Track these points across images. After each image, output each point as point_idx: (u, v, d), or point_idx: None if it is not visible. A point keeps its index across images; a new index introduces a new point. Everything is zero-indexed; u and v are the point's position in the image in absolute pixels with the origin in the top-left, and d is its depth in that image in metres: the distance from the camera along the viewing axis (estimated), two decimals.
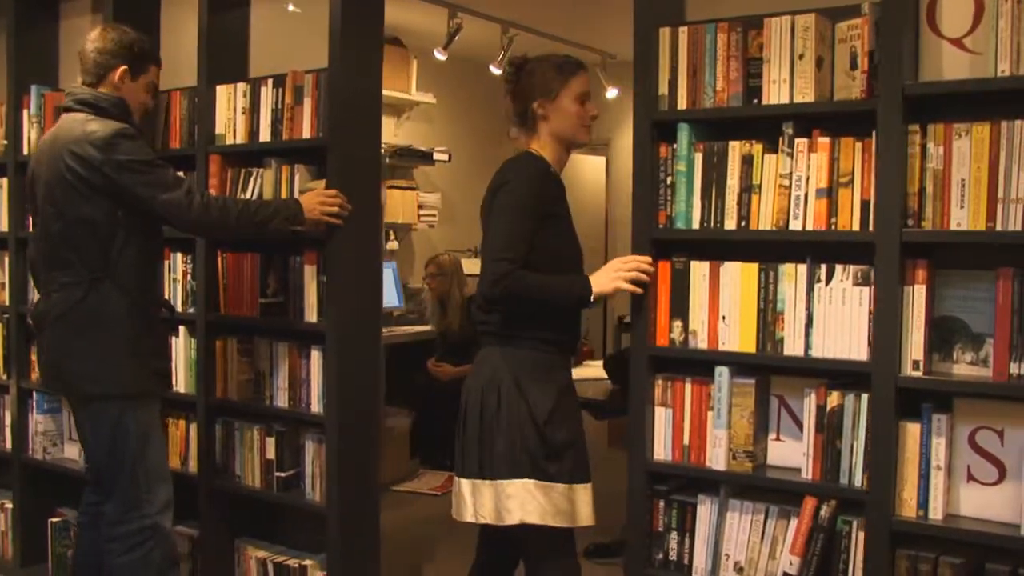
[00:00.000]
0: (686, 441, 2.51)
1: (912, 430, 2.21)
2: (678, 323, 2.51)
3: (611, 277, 2.50)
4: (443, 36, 5.76)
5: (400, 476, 5.50)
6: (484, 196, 2.58)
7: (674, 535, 2.54)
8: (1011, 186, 2.09)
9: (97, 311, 2.77)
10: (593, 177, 8.10)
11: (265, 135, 3.19)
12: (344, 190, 2.95)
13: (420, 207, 6.44)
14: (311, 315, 3.08)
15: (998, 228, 2.11)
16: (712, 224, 2.45)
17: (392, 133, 6.42)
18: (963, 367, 2.22)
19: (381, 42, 3.16)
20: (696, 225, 2.48)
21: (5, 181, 3.88)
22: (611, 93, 6.80)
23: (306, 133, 3.06)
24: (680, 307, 2.50)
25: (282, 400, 3.16)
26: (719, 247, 2.48)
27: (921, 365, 2.20)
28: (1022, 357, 2.10)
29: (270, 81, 3.18)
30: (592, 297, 2.49)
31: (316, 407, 3.08)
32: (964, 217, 2.15)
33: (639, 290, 2.51)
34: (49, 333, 2.85)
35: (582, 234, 2.68)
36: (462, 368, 5.68)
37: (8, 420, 3.90)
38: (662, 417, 2.54)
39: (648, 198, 2.53)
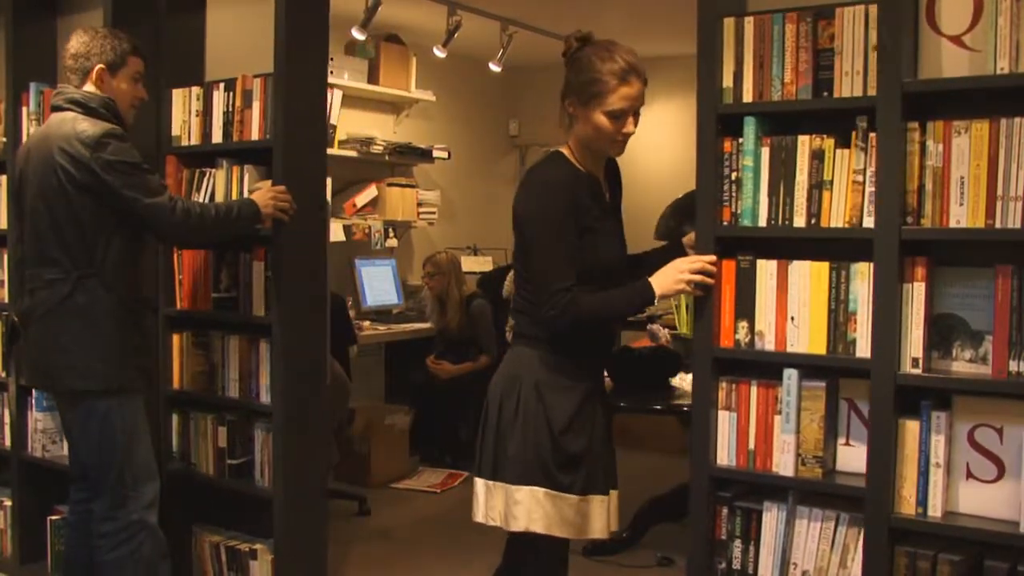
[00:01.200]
0: (751, 446, 2.42)
1: (911, 427, 2.21)
2: (744, 324, 2.42)
3: (675, 279, 2.41)
4: (442, 34, 5.76)
5: (400, 474, 5.49)
6: (514, 199, 2.51)
7: (738, 543, 2.45)
8: (1010, 183, 2.09)
9: (82, 308, 2.80)
10: None
11: (217, 137, 3.33)
12: (290, 189, 3.06)
13: (419, 205, 6.43)
14: (259, 309, 3.20)
15: (997, 225, 2.11)
16: (780, 221, 2.36)
17: (391, 131, 6.41)
18: (962, 364, 2.22)
19: (326, 48, 3.29)
20: (763, 222, 2.39)
21: (4, 179, 3.88)
22: None
23: (255, 135, 3.20)
24: (746, 307, 2.41)
25: (233, 391, 3.29)
26: (787, 245, 2.39)
27: (920, 362, 2.20)
28: (1021, 354, 2.10)
29: (222, 85, 3.30)
30: (655, 300, 2.42)
31: (265, 397, 3.19)
32: (963, 214, 2.15)
33: (701, 292, 2.43)
34: (35, 330, 2.88)
35: None
36: (461, 366, 5.69)
37: (7, 418, 3.89)
38: (726, 421, 2.45)
39: (712, 194, 2.44)
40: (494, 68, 6.31)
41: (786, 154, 2.36)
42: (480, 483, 2.50)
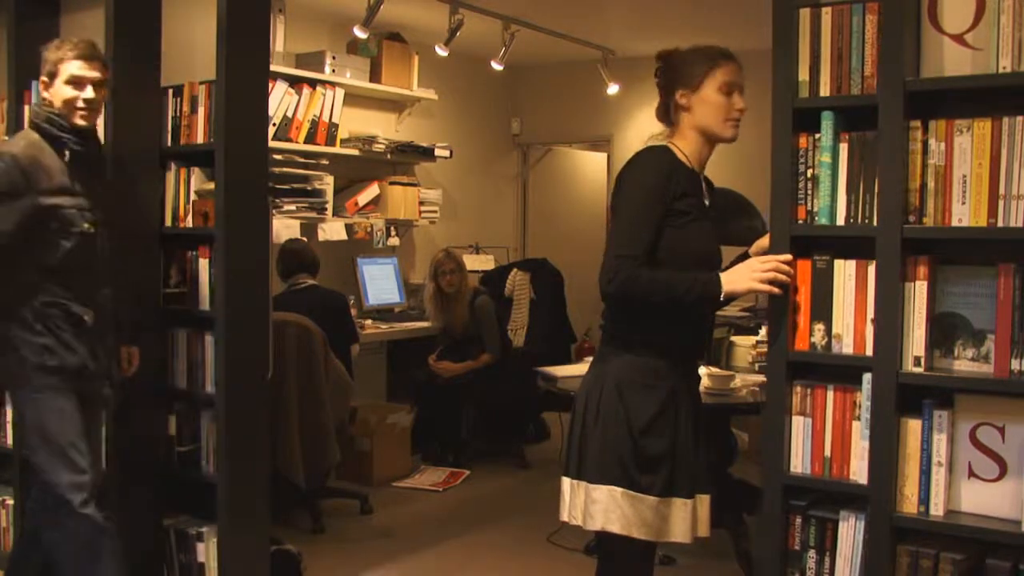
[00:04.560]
0: (827, 453, 2.33)
1: (913, 426, 2.21)
2: (820, 326, 2.33)
3: (746, 276, 2.35)
4: (445, 32, 5.75)
5: (401, 472, 5.49)
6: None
7: (812, 553, 2.36)
8: (1012, 182, 2.09)
9: (2, 307, 2.93)
10: (593, 174, 8.09)
11: (167, 140, 3.46)
12: (231, 190, 3.20)
13: (421, 203, 6.43)
14: (205, 304, 3.34)
15: (999, 224, 2.11)
16: (859, 220, 2.28)
17: (393, 129, 6.41)
18: (964, 363, 2.21)
19: (267, 57, 3.42)
20: (841, 221, 2.30)
21: None
22: (612, 89, 6.79)
23: (200, 139, 3.35)
24: (822, 309, 2.33)
25: (182, 381, 3.41)
26: (867, 245, 2.28)
27: (922, 361, 2.20)
28: (1023, 353, 2.10)
29: (170, 91, 3.43)
30: (722, 296, 2.34)
31: (210, 387, 3.33)
32: (965, 213, 2.15)
33: (777, 290, 2.35)
34: None
35: (580, 231, 2.60)
36: (464, 365, 5.69)
37: (9, 416, 3.89)
38: (800, 427, 2.37)
39: (786, 192, 2.37)
40: (496, 67, 6.31)
41: (866, 150, 2.28)
42: (566, 482, 2.49)
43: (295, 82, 5.45)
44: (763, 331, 4.27)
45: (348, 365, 4.81)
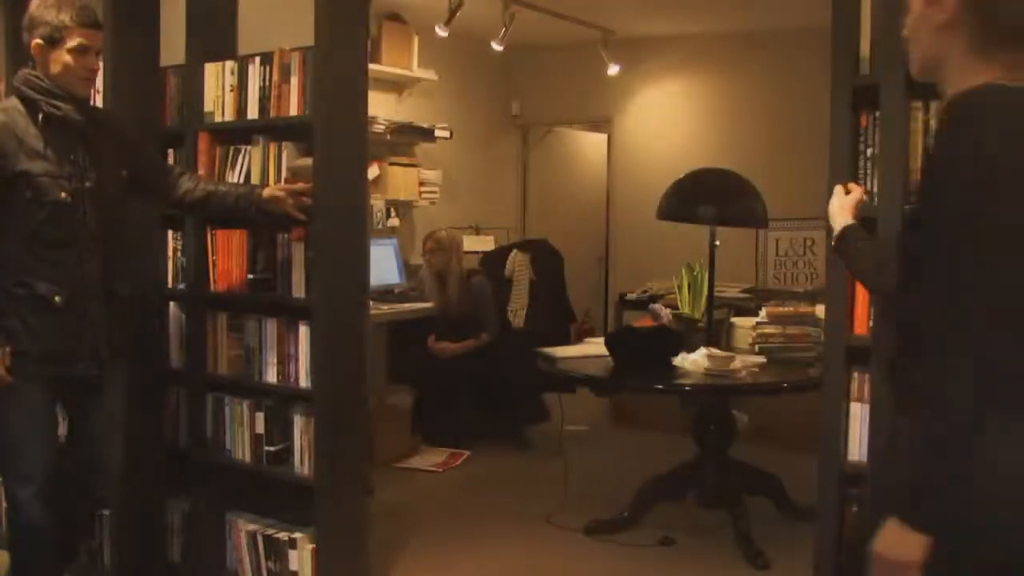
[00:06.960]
0: None
1: None
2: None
3: (837, 214, 2.18)
4: (444, 12, 5.73)
5: (401, 453, 5.51)
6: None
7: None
8: None
9: None
10: (594, 155, 8.08)
11: (253, 112, 3.23)
12: (329, 167, 3.00)
13: (421, 184, 6.42)
14: (299, 291, 3.12)
15: None
16: None
17: (393, 110, 6.40)
18: None
19: (367, 20, 3.21)
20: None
21: None
22: (612, 70, 6.77)
23: (293, 111, 3.11)
24: None
25: (271, 375, 3.21)
26: None
27: None
28: None
29: (257, 59, 3.21)
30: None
31: (304, 382, 3.12)
32: None
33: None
34: None
35: (580, 213, 2.52)
36: (463, 344, 5.70)
37: None
38: (858, 414, 2.31)
39: (846, 171, 2.30)
40: (496, 47, 6.29)
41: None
42: None
43: None
44: (763, 312, 4.27)
45: None
